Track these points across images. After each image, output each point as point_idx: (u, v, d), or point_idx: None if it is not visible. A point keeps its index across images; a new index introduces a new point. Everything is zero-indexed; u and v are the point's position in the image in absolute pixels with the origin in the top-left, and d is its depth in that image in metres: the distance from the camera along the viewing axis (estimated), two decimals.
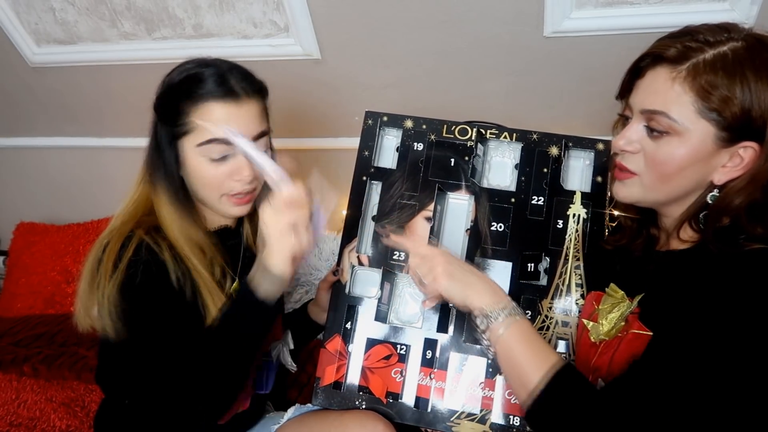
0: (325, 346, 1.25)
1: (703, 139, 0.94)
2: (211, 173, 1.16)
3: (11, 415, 1.74)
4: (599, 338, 1.06)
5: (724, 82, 0.90)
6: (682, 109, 0.94)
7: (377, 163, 1.33)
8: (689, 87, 0.93)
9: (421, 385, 1.21)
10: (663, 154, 0.98)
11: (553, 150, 1.28)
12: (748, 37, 0.93)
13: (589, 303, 1.16)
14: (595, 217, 1.24)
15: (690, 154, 0.96)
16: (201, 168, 1.16)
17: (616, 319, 1.04)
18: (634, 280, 1.08)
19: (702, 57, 0.93)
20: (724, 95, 0.90)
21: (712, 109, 0.92)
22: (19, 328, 2.17)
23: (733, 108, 0.90)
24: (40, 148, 2.70)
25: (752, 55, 0.91)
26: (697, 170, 0.97)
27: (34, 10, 2.07)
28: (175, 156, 1.17)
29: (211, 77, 1.13)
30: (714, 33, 0.94)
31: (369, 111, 1.35)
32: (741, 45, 0.92)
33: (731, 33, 0.94)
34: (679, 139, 0.96)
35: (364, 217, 1.30)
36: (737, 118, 0.91)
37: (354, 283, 1.29)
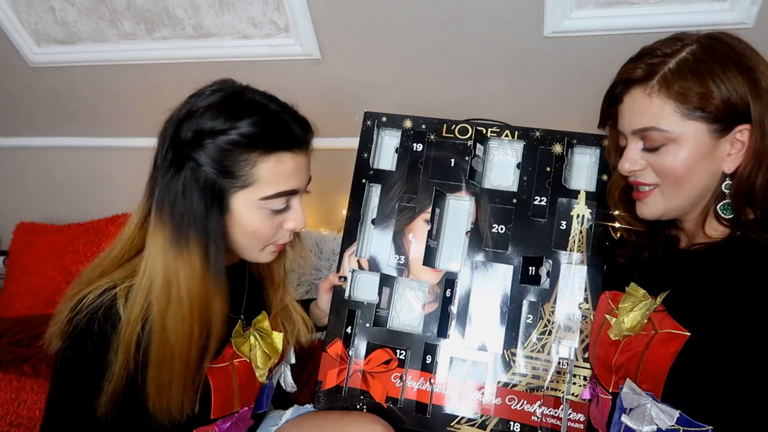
0: (327, 350, 1.25)
1: (698, 136, 0.97)
2: (267, 226, 1.06)
3: (11, 415, 1.74)
4: (622, 335, 1.06)
5: (696, 82, 0.95)
6: (669, 118, 0.97)
7: (376, 165, 1.32)
8: (666, 96, 0.97)
9: (421, 390, 1.21)
10: (668, 162, 1.00)
11: (557, 148, 1.26)
12: (701, 38, 0.99)
13: (604, 303, 1.15)
14: (600, 217, 1.22)
15: (692, 154, 0.98)
16: (256, 221, 1.04)
17: (640, 316, 1.05)
18: (655, 279, 1.08)
19: (667, 68, 0.97)
20: (700, 92, 0.94)
21: (694, 108, 0.95)
22: (19, 328, 2.16)
23: (713, 101, 0.94)
24: (40, 148, 2.69)
25: (710, 52, 0.96)
26: (706, 165, 0.99)
27: (34, 10, 2.07)
28: (220, 211, 1.01)
29: (281, 126, 1.03)
30: (668, 45, 0.99)
31: (367, 112, 1.34)
32: (697, 47, 0.97)
33: (683, 41, 0.99)
34: (676, 145, 0.98)
35: (363, 220, 1.30)
36: (721, 108, 0.94)
37: (354, 287, 1.28)
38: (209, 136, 0.97)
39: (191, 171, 0.98)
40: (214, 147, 0.98)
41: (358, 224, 1.29)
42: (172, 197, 0.98)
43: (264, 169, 1.00)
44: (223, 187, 1.00)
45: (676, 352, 0.96)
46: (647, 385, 1.01)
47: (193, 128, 0.98)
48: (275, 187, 1.02)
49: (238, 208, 1.02)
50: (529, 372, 1.18)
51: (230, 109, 0.99)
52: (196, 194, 0.98)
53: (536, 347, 1.19)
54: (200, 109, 0.99)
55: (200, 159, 0.98)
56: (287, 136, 1.03)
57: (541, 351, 1.19)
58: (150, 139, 2.24)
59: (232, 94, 1.02)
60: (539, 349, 1.19)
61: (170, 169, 0.99)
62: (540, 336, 1.19)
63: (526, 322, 1.20)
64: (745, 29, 1.58)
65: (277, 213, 1.06)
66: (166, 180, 0.99)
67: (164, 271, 0.98)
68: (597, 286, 1.20)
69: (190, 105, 1.01)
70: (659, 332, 1.00)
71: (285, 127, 1.03)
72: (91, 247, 2.42)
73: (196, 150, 0.98)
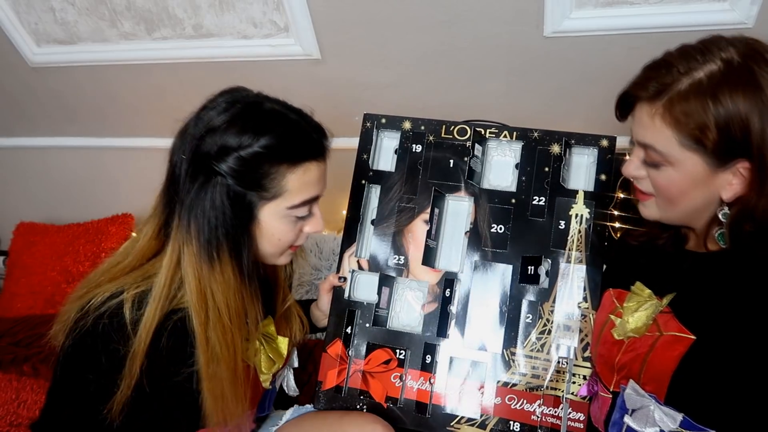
0: (327, 351, 1.25)
1: (694, 167, 0.94)
2: (291, 232, 1.08)
3: (11, 415, 1.74)
4: (626, 335, 1.05)
5: (697, 109, 0.89)
6: (666, 143, 0.94)
7: (376, 166, 1.33)
8: (667, 122, 0.92)
9: (421, 390, 1.21)
10: (663, 180, 0.98)
11: (555, 148, 1.27)
12: (730, 57, 0.90)
13: (608, 300, 1.14)
14: (599, 217, 1.22)
15: (687, 181, 0.96)
16: (281, 228, 1.06)
17: (645, 317, 1.04)
18: (662, 277, 1.07)
19: (677, 89, 0.91)
20: (698, 123, 0.89)
21: (691, 139, 0.91)
22: (19, 328, 2.16)
23: (710, 134, 0.89)
24: (40, 148, 2.70)
25: (729, 74, 0.89)
26: (702, 192, 0.96)
27: (34, 10, 2.07)
28: (249, 222, 1.03)
29: (306, 136, 1.05)
30: (688, 59, 0.92)
31: (367, 113, 1.34)
32: (718, 67, 0.90)
33: (707, 54, 0.91)
34: (673, 168, 0.95)
35: (363, 220, 1.30)
36: (717, 142, 0.89)
37: (354, 287, 1.28)
38: (236, 151, 0.98)
39: (220, 186, 0.99)
40: (242, 162, 0.98)
41: (358, 225, 1.30)
42: (199, 211, 0.99)
43: (292, 180, 1.02)
44: (252, 200, 1.01)
45: (681, 355, 0.96)
46: (650, 387, 1.00)
47: (218, 144, 0.98)
48: (302, 195, 1.04)
49: (266, 218, 1.04)
50: (528, 371, 1.18)
51: (253, 123, 1.00)
52: (226, 208, 0.99)
53: (536, 346, 1.19)
54: (222, 125, 0.99)
55: (228, 174, 0.98)
56: (312, 146, 1.05)
57: (541, 350, 1.19)
58: (150, 139, 2.26)
59: (250, 106, 1.02)
60: (539, 349, 1.19)
61: (195, 183, 0.99)
62: (539, 335, 1.19)
63: (526, 321, 1.20)
64: (745, 29, 1.58)
65: (299, 219, 1.08)
66: (191, 194, 0.99)
67: (198, 285, 1.00)
68: (596, 285, 1.20)
69: (207, 120, 1.01)
70: (664, 334, 1.00)
71: (309, 138, 1.05)
72: (91, 247, 2.42)
73: (223, 165, 0.98)
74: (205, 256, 0.99)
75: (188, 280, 1.00)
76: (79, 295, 1.03)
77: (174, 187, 1.02)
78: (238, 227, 1.01)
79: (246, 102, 1.03)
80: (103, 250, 2.41)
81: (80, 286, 1.05)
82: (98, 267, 1.07)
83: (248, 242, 1.03)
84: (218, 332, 1.01)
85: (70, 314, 1.01)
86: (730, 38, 0.93)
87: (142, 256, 1.05)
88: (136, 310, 0.98)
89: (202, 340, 1.00)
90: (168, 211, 1.03)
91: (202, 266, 0.99)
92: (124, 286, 1.00)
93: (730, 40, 0.93)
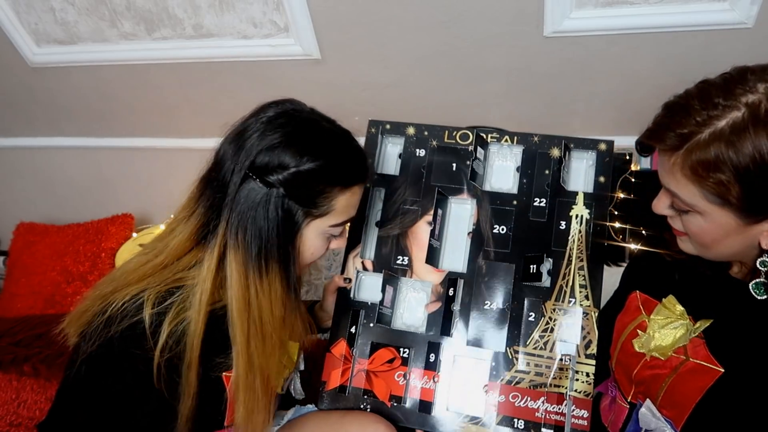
0: (331, 350, 1.26)
1: (724, 218, 0.86)
2: (323, 248, 1.11)
3: (11, 415, 1.74)
4: (649, 352, 1.02)
5: (717, 163, 0.80)
6: (691, 196, 0.87)
7: (380, 170, 1.35)
8: (688, 176, 0.85)
9: (425, 389, 1.21)
10: (693, 227, 0.91)
11: (555, 152, 1.28)
12: (760, 94, 0.79)
13: (633, 304, 1.13)
14: (598, 217, 1.24)
15: (718, 231, 0.88)
16: (318, 244, 1.09)
17: (675, 339, 0.99)
18: (698, 298, 1.01)
19: (696, 140, 0.82)
20: (719, 179, 0.81)
21: (715, 194, 0.83)
22: (19, 328, 2.16)
23: (733, 190, 0.81)
24: (40, 148, 2.70)
25: (755, 123, 0.78)
26: (737, 240, 0.89)
27: (34, 10, 2.07)
28: (296, 237, 1.06)
29: (358, 161, 1.09)
30: (708, 104, 0.82)
31: (372, 120, 1.37)
32: (742, 115, 0.79)
33: (729, 98, 0.80)
34: (702, 217, 0.88)
35: (367, 222, 1.32)
36: (742, 198, 0.82)
37: (359, 288, 1.30)
38: (294, 169, 0.99)
39: (274, 199, 1.00)
40: (299, 180, 1.00)
41: (363, 227, 1.31)
42: (251, 221, 1.00)
43: (341, 201, 1.06)
44: (301, 216, 1.04)
45: (707, 387, 0.92)
46: (669, 412, 0.98)
47: (276, 160, 0.99)
48: (344, 216, 1.09)
49: (308, 234, 1.07)
50: (532, 369, 1.19)
51: (313, 143, 1.02)
52: (279, 222, 1.01)
53: (539, 345, 1.20)
54: (281, 142, 0.99)
55: (285, 186, 1.00)
56: (362, 171, 1.09)
57: (544, 348, 1.19)
58: (150, 140, 2.25)
59: (309, 123, 1.04)
60: (542, 347, 1.20)
61: (248, 192, 1.00)
62: (542, 333, 1.20)
63: (528, 320, 1.21)
64: (745, 29, 1.59)
65: (332, 236, 1.12)
66: (242, 202, 1.00)
67: (244, 293, 1.01)
68: (597, 283, 1.21)
69: (264, 133, 1.01)
70: (690, 360, 0.96)
71: (361, 163, 1.09)
72: (91, 247, 2.42)
73: (279, 180, 0.99)
74: (256, 265, 1.01)
75: (232, 287, 1.01)
76: (102, 293, 1.02)
77: (221, 192, 1.02)
78: (287, 240, 1.03)
79: (303, 119, 1.04)
80: (103, 250, 2.41)
81: (104, 282, 1.05)
82: (126, 265, 1.07)
83: (295, 256, 1.06)
84: (258, 341, 1.02)
85: (89, 310, 1.01)
86: (759, 71, 0.82)
87: (174, 255, 1.05)
88: (157, 314, 0.98)
89: (244, 348, 1.01)
90: (211, 215, 1.03)
91: (249, 275, 1.01)
92: (147, 287, 1.01)
93: (760, 75, 0.81)
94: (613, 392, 1.14)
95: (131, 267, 1.05)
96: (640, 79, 1.81)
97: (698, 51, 1.69)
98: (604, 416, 1.17)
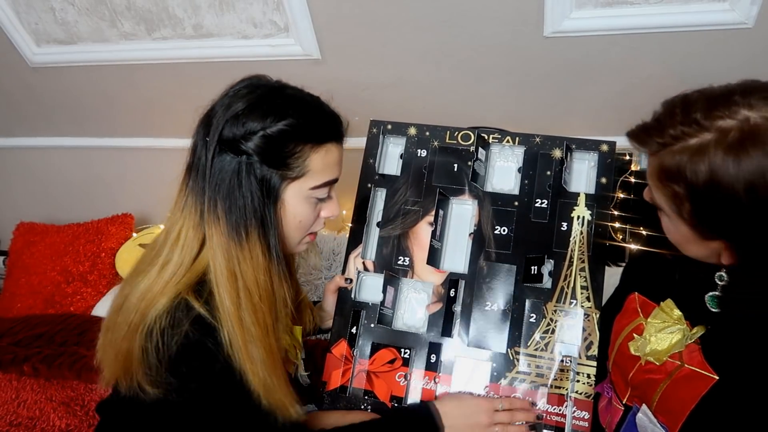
0: (331, 351, 1.26)
1: (683, 228, 0.90)
2: (311, 215, 1.10)
3: (11, 415, 1.75)
4: (644, 356, 1.02)
5: (678, 174, 0.83)
6: (659, 198, 0.90)
7: (382, 170, 1.35)
8: (654, 179, 0.89)
9: (426, 389, 1.21)
10: (664, 224, 0.95)
11: (556, 153, 1.28)
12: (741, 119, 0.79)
13: (631, 305, 1.13)
14: (600, 218, 1.24)
15: (681, 236, 0.92)
16: (303, 210, 1.08)
17: (671, 344, 0.99)
18: (695, 304, 1.00)
19: (670, 148, 0.85)
20: (674, 191, 0.85)
21: (672, 203, 0.87)
22: (19, 328, 2.16)
23: (685, 205, 0.85)
24: (40, 148, 2.70)
25: (724, 147, 0.79)
26: (700, 248, 0.91)
27: (34, 10, 2.07)
28: (275, 203, 1.05)
29: (328, 119, 1.07)
30: (686, 121, 0.83)
31: (373, 120, 1.37)
32: (711, 138, 0.80)
33: (707, 120, 0.81)
34: (668, 219, 0.92)
35: (369, 223, 1.32)
36: (693, 216, 0.85)
37: (359, 288, 1.30)
38: (261, 131, 0.99)
39: (246, 166, 1.00)
40: (268, 140, 1.00)
41: (364, 227, 1.31)
42: (226, 192, 1.00)
43: (315, 160, 1.04)
44: (277, 180, 1.03)
45: (701, 394, 0.92)
46: (664, 418, 0.98)
47: (242, 126, 0.99)
48: (324, 176, 1.07)
49: (289, 199, 1.06)
50: (532, 370, 1.19)
51: (276, 106, 1.01)
52: (253, 188, 1.01)
53: (539, 346, 1.20)
54: (245, 109, 1.00)
55: (255, 152, 1.00)
56: (333, 128, 1.08)
57: (545, 349, 1.19)
58: (150, 140, 2.25)
59: (271, 91, 1.04)
60: (542, 348, 1.20)
61: (221, 165, 1.00)
62: (543, 335, 1.20)
63: (529, 321, 1.21)
64: (745, 29, 1.59)
65: (319, 201, 1.10)
66: (217, 176, 1.00)
67: (228, 264, 1.00)
68: (598, 284, 1.21)
69: (229, 105, 1.01)
70: (685, 366, 0.96)
71: (331, 120, 1.08)
72: (91, 247, 2.42)
73: (250, 144, 0.99)
74: (234, 235, 1.01)
75: (217, 260, 1.00)
76: (133, 323, 1.00)
77: (201, 176, 1.02)
78: (265, 206, 1.03)
79: (267, 87, 1.05)
80: (103, 250, 2.41)
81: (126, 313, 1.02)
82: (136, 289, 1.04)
83: (275, 222, 1.05)
84: (249, 311, 1.01)
85: (131, 349, 0.99)
86: (745, 95, 0.80)
87: (190, 251, 1.04)
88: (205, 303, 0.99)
89: (237, 319, 1.00)
90: (197, 200, 1.03)
91: (230, 245, 1.00)
92: (180, 289, 1.00)
93: (743, 101, 0.80)
94: (609, 393, 1.14)
95: (147, 284, 1.03)
96: (640, 79, 1.81)
97: (698, 51, 1.69)
98: (602, 417, 1.17)
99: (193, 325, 0.97)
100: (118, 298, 1.07)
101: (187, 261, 1.02)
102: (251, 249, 1.02)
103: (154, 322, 0.97)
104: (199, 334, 0.97)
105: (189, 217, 1.04)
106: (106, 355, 1.06)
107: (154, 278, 1.02)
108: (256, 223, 1.02)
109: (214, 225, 1.01)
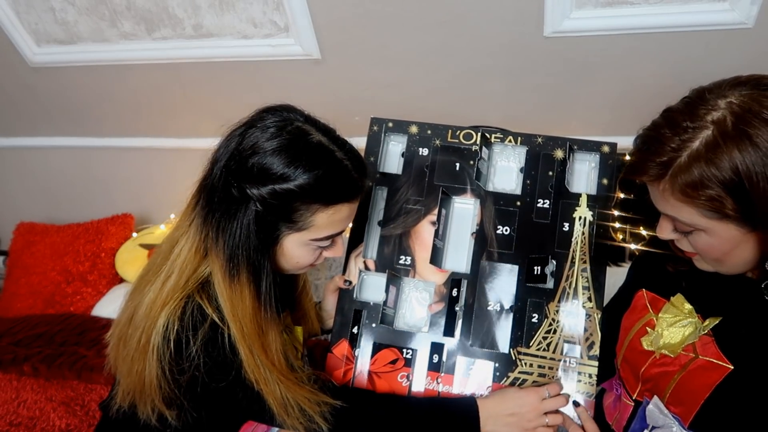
0: (332, 351, 1.25)
1: (727, 231, 0.87)
2: (310, 258, 1.10)
3: (11, 415, 1.75)
4: (658, 350, 1.02)
5: (702, 181, 0.83)
6: (690, 216, 0.88)
7: (383, 168, 1.34)
8: (680, 198, 0.87)
9: (428, 390, 1.21)
10: (701, 244, 0.92)
11: (558, 153, 1.28)
12: (722, 110, 0.83)
13: (640, 303, 1.13)
14: (601, 218, 1.24)
15: (726, 244, 0.89)
16: (301, 254, 1.08)
17: (684, 337, 0.99)
18: (707, 296, 1.01)
19: (677, 165, 0.85)
20: (710, 195, 0.83)
21: (711, 210, 0.85)
22: (19, 328, 2.17)
23: (727, 203, 0.83)
24: (40, 148, 2.70)
25: (724, 137, 0.81)
26: (747, 249, 0.89)
27: (34, 10, 2.07)
28: (272, 249, 1.06)
29: (347, 182, 1.04)
30: (678, 130, 0.85)
31: (374, 117, 1.35)
32: (712, 132, 0.83)
33: (695, 119, 0.84)
34: (707, 234, 0.89)
35: (370, 222, 1.31)
36: (738, 209, 0.83)
37: (361, 288, 1.29)
38: (275, 181, 0.98)
39: (250, 210, 1.00)
40: (275, 195, 0.98)
41: (365, 226, 1.31)
42: (227, 228, 1.00)
43: (321, 217, 1.03)
44: (278, 229, 1.03)
45: (716, 383, 0.93)
46: (676, 409, 0.98)
47: (258, 167, 0.98)
48: (327, 231, 1.06)
49: (287, 245, 1.06)
50: (535, 370, 1.19)
51: (299, 156, 0.99)
52: (251, 232, 1.01)
53: (542, 346, 1.20)
54: (267, 151, 0.98)
55: (260, 201, 0.99)
56: (349, 189, 1.05)
57: (547, 349, 1.19)
58: (150, 140, 2.24)
59: (298, 136, 1.01)
60: (545, 348, 1.20)
61: (228, 200, 1.00)
62: (545, 335, 1.20)
63: (532, 321, 1.21)
64: (745, 29, 1.59)
65: (321, 247, 1.10)
66: (223, 209, 1.01)
67: (224, 297, 1.02)
68: (599, 284, 1.21)
69: (253, 139, 1.00)
70: (700, 357, 0.96)
71: (348, 181, 1.04)
72: (91, 247, 2.43)
73: (256, 192, 0.98)
74: (227, 274, 1.01)
75: (219, 290, 1.03)
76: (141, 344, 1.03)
77: (209, 200, 1.03)
78: (259, 251, 1.02)
79: (295, 130, 1.01)
80: (103, 250, 2.41)
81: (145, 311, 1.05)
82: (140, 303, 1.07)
83: (270, 268, 1.05)
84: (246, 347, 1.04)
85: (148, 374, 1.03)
86: (715, 89, 0.86)
87: (188, 269, 1.06)
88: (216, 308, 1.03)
89: (245, 345, 1.03)
90: (206, 224, 1.04)
91: (224, 282, 1.02)
92: (190, 294, 1.04)
93: (717, 92, 0.86)
94: (618, 390, 1.14)
95: (150, 300, 1.05)
96: (640, 79, 1.81)
97: (698, 51, 1.69)
98: (608, 414, 1.17)
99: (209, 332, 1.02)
100: (128, 309, 1.09)
101: (183, 282, 1.05)
102: (241, 290, 1.02)
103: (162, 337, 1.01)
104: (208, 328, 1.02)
105: (193, 237, 1.06)
106: (120, 368, 1.09)
107: (159, 293, 1.04)
108: (248, 267, 1.02)
109: (215, 254, 1.02)
